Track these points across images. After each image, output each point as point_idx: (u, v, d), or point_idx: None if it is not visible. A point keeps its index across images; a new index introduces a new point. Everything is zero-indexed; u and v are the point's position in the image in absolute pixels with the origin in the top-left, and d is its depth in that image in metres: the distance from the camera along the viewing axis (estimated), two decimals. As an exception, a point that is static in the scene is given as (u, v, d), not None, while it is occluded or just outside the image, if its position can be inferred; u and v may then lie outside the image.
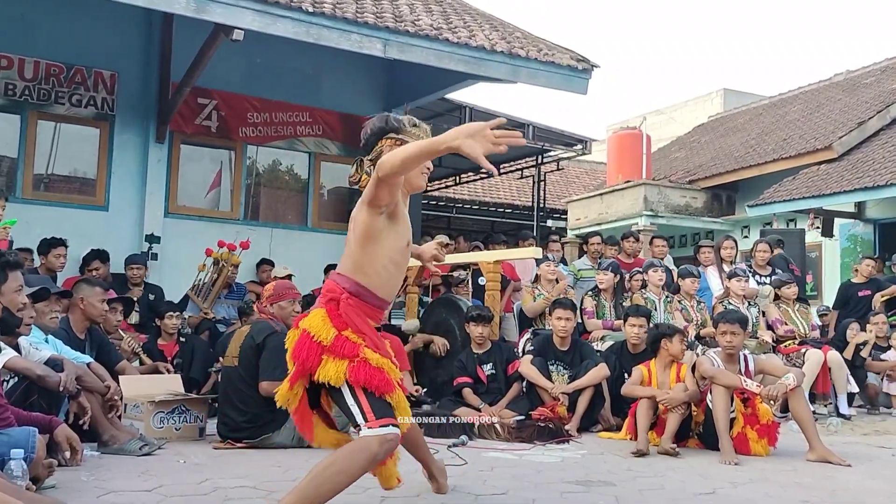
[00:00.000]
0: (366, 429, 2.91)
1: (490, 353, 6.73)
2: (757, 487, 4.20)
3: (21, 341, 4.42)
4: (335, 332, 2.99)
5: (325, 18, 8.22)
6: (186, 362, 6.85)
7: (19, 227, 7.54)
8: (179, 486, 3.76)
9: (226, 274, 8.35)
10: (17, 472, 3.13)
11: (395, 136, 3.17)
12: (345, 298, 3.06)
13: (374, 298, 3.12)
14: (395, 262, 3.16)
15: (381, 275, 3.12)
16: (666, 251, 9.61)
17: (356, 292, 3.08)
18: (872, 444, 6.04)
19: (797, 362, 7.31)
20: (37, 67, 9.13)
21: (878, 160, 13.26)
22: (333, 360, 2.96)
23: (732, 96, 23.10)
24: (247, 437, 5.02)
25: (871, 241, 14.03)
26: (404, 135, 3.17)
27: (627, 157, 16.97)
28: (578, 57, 9.91)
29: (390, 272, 3.15)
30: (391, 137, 3.18)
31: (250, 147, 10.44)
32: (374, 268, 3.10)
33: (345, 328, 3.01)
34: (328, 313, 3.04)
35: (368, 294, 3.10)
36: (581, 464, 4.81)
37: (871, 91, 16.49)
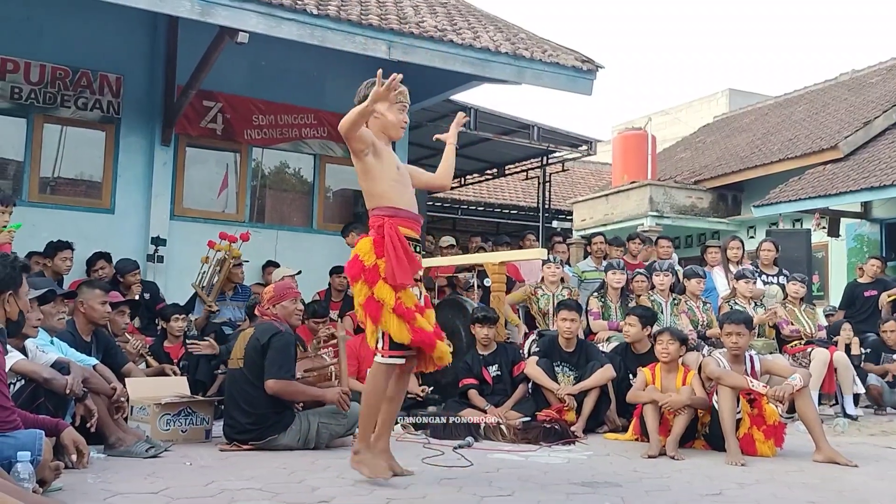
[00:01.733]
0: (378, 356, 3.93)
1: (496, 354, 6.72)
2: (763, 488, 4.19)
3: (28, 344, 4.43)
4: (374, 260, 3.85)
5: (330, 20, 8.23)
6: (192, 364, 6.86)
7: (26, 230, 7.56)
8: (186, 488, 3.76)
9: (228, 266, 8.33)
10: (24, 475, 3.14)
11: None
12: (388, 220, 3.91)
13: (403, 212, 3.98)
14: (396, 178, 4.01)
15: (391, 194, 3.98)
16: (671, 252, 9.59)
17: (392, 213, 3.94)
18: (879, 445, 6.02)
19: (803, 362, 7.29)
20: (42, 71, 9.17)
21: (884, 160, 13.23)
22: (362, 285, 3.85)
23: (738, 96, 23.08)
24: (253, 438, 5.02)
25: (877, 241, 14.00)
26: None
27: (633, 157, 16.97)
28: (583, 58, 9.91)
29: (398, 189, 4.01)
30: None
31: (255, 149, 10.46)
32: (384, 191, 3.97)
33: (381, 256, 3.83)
34: (374, 241, 3.89)
35: (397, 210, 3.96)
36: (587, 465, 4.80)
37: (877, 90, 16.46)
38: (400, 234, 3.88)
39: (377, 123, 4.03)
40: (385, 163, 3.98)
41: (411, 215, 4.01)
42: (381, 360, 3.91)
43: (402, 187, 4.03)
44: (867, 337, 8.60)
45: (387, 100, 3.86)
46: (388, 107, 4.01)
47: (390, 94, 3.81)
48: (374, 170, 3.94)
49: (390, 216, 3.91)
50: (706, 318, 7.66)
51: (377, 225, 3.92)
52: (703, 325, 7.59)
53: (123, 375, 5.44)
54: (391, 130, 4.09)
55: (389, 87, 3.73)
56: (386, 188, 3.96)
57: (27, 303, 3.91)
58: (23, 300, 3.75)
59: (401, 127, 4.11)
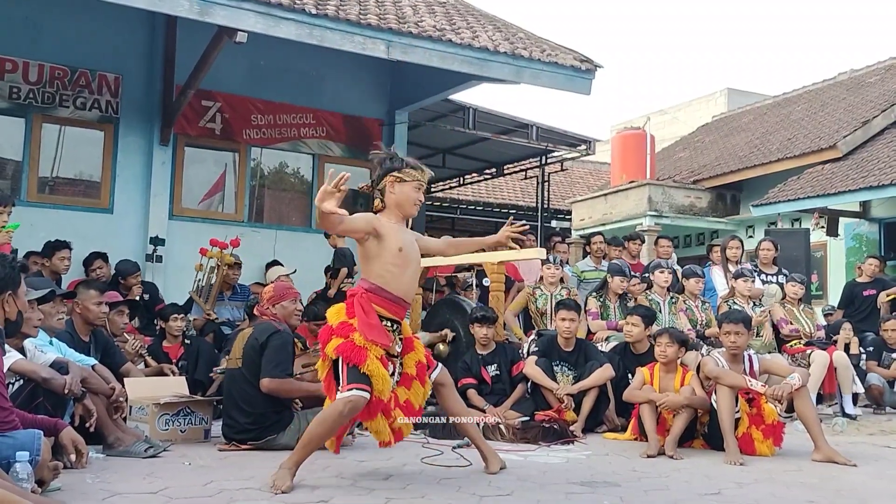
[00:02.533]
0: (339, 392, 3.79)
1: (494, 354, 6.72)
2: (762, 488, 4.19)
3: (26, 344, 4.43)
4: (343, 319, 3.93)
5: (329, 20, 8.23)
6: (191, 364, 6.86)
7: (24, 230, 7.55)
8: (185, 488, 3.76)
9: (222, 273, 8.33)
10: (23, 475, 3.14)
11: (396, 174, 4.08)
12: (360, 293, 3.95)
13: (386, 293, 3.97)
14: (395, 263, 3.99)
15: (386, 276, 3.99)
16: (671, 251, 9.59)
17: (370, 289, 3.97)
18: (878, 445, 6.03)
19: (802, 363, 7.29)
20: (41, 70, 9.16)
21: (882, 159, 13.24)
22: (335, 339, 3.88)
23: (736, 96, 23.09)
24: (252, 438, 5.02)
25: (876, 241, 14.01)
26: (403, 174, 4.08)
27: (631, 157, 16.97)
28: (582, 57, 9.91)
29: (394, 273, 4.00)
30: (393, 175, 4.08)
31: (254, 149, 10.47)
32: (379, 272, 3.99)
33: (352, 317, 3.90)
34: (346, 306, 3.98)
35: (381, 290, 3.97)
36: (586, 464, 4.81)
37: (876, 90, 16.47)
38: (370, 306, 3.89)
39: (392, 199, 4.10)
40: (386, 245, 3.98)
41: (396, 299, 4.00)
42: (344, 396, 3.76)
43: (399, 271, 4.02)
44: (866, 336, 8.60)
45: (333, 198, 3.68)
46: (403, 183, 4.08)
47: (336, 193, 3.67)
48: (371, 252, 3.98)
49: (368, 291, 3.94)
50: (705, 318, 7.66)
51: (350, 294, 4.00)
52: (701, 324, 7.59)
53: (122, 375, 5.44)
54: (406, 208, 4.11)
55: (336, 184, 3.65)
56: (381, 272, 3.98)
57: (26, 303, 3.90)
58: (21, 300, 3.75)
59: (414, 205, 4.13)
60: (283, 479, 3.73)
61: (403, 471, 4.36)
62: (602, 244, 9.19)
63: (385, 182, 4.10)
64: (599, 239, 9.28)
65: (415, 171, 4.10)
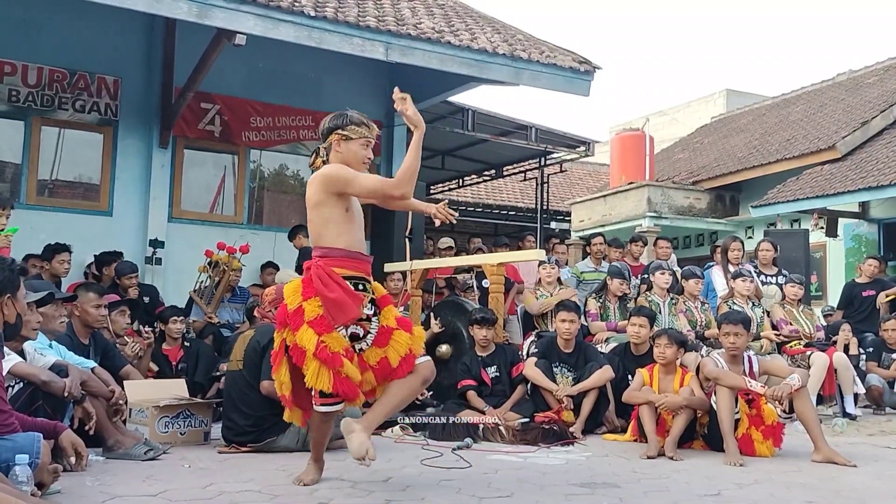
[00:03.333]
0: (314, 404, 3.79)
1: (494, 355, 6.72)
2: (762, 488, 4.19)
3: (26, 347, 4.43)
4: (299, 302, 3.68)
5: (327, 22, 8.24)
6: (191, 366, 6.86)
7: (24, 233, 7.55)
8: (184, 490, 3.76)
9: (227, 278, 8.34)
10: (22, 478, 3.13)
11: (341, 132, 3.88)
12: (316, 263, 3.73)
13: (345, 252, 3.77)
14: (349, 220, 3.83)
15: (344, 235, 3.79)
16: (670, 252, 9.59)
17: (326, 254, 3.75)
18: (878, 445, 6.02)
19: (802, 364, 7.29)
20: (40, 73, 9.17)
21: (881, 160, 13.24)
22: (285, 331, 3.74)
23: (735, 97, 23.09)
24: (251, 441, 5.02)
25: (875, 241, 14.01)
26: (348, 131, 3.87)
27: (631, 158, 16.98)
28: (580, 59, 9.92)
29: (350, 229, 3.82)
30: (338, 133, 3.88)
31: (253, 151, 10.47)
32: (334, 235, 3.77)
33: (310, 297, 3.67)
34: (302, 283, 3.75)
35: (339, 250, 3.75)
36: (586, 466, 4.80)
37: (874, 91, 16.48)
38: (330, 271, 3.69)
39: (338, 158, 3.87)
40: (340, 202, 3.81)
41: (356, 255, 3.80)
42: (317, 409, 3.79)
43: (352, 226, 3.86)
44: (866, 337, 8.61)
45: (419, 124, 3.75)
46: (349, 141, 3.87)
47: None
48: (333, 215, 3.78)
49: (324, 257, 3.74)
50: (704, 319, 7.66)
51: (307, 267, 3.80)
52: (701, 325, 7.59)
53: (122, 378, 5.43)
54: (354, 167, 3.86)
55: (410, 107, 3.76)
56: (336, 233, 3.78)
57: (25, 306, 3.90)
58: (20, 303, 3.75)
59: (363, 163, 3.91)
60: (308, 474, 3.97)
61: (403, 472, 4.35)
62: (602, 245, 9.19)
63: (330, 140, 3.89)
64: (599, 240, 9.28)
65: (360, 127, 3.90)
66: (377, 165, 11.20)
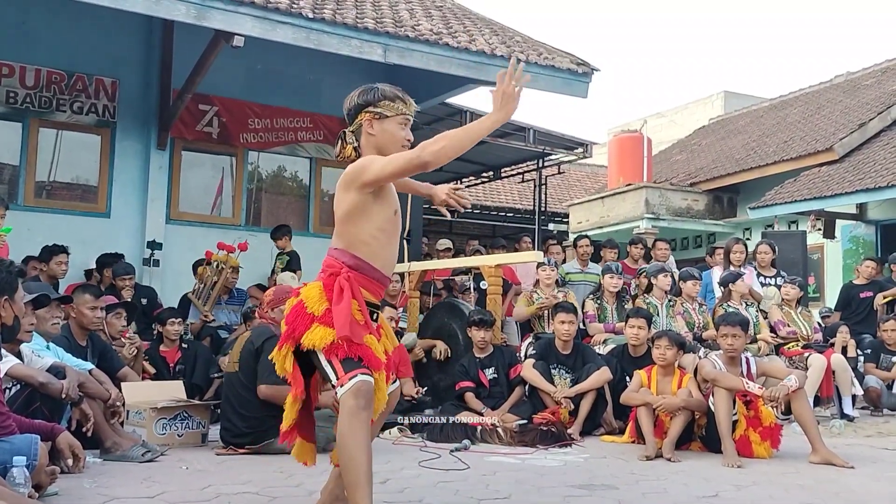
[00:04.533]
0: (339, 388, 2.95)
1: (492, 357, 6.72)
2: (760, 490, 4.19)
3: (23, 348, 4.42)
4: (326, 306, 3.03)
5: (325, 24, 8.24)
6: (189, 368, 6.85)
7: (22, 234, 7.55)
8: (182, 492, 3.76)
9: (225, 276, 8.33)
10: (20, 480, 3.13)
11: (373, 109, 3.17)
12: (344, 272, 3.09)
13: (371, 270, 3.15)
14: (385, 230, 3.18)
15: (373, 245, 3.15)
16: (668, 254, 9.60)
17: (354, 265, 3.12)
18: (876, 447, 6.03)
19: (800, 365, 7.30)
20: (38, 75, 9.16)
21: (879, 161, 13.26)
22: (322, 328, 3.00)
23: (733, 98, 23.11)
24: (249, 442, 5.02)
25: (872, 243, 14.02)
26: (381, 108, 3.17)
27: (628, 160, 16.98)
28: (578, 60, 9.93)
29: (381, 241, 3.17)
30: (369, 112, 3.17)
31: (251, 153, 10.47)
32: (364, 238, 3.14)
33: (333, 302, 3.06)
34: (325, 287, 3.08)
35: (366, 266, 3.14)
36: (584, 467, 4.80)
37: (872, 92, 16.50)
38: (358, 292, 3.09)
39: (371, 142, 3.17)
40: (384, 205, 3.18)
41: (379, 276, 3.19)
42: (345, 389, 2.92)
43: (389, 243, 3.22)
44: (864, 338, 8.62)
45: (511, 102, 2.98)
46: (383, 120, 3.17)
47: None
48: (367, 211, 3.13)
49: (353, 268, 3.12)
50: (702, 320, 7.66)
51: (331, 272, 3.12)
52: (699, 327, 7.60)
53: (119, 380, 5.43)
54: (393, 149, 3.15)
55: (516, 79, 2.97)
56: (368, 238, 3.14)
57: (22, 308, 3.90)
58: (18, 305, 3.75)
59: (402, 146, 3.17)
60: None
61: (401, 474, 4.35)
62: (588, 247, 9.20)
63: (359, 121, 3.17)
64: (586, 242, 9.28)
65: (395, 101, 3.18)
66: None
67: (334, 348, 2.97)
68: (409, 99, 3.25)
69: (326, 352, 2.99)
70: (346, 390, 2.92)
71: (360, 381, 2.92)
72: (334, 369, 2.97)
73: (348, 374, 2.93)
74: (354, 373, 2.93)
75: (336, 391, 2.96)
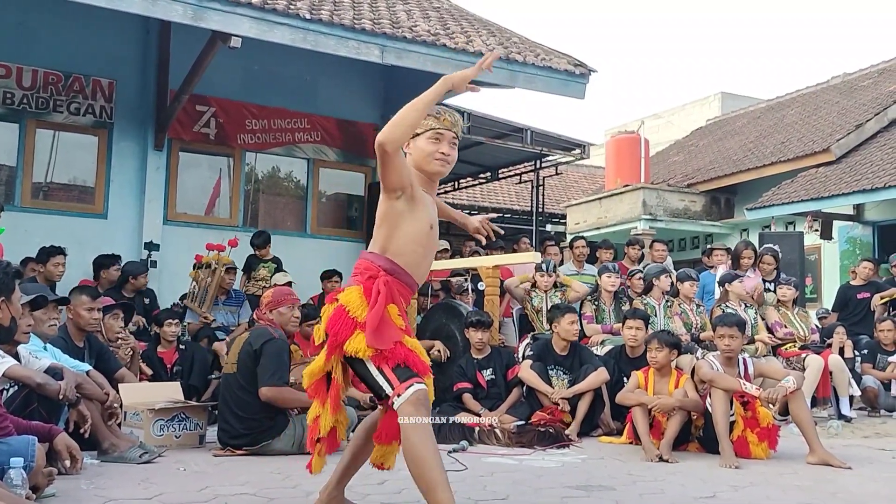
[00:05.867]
0: (396, 399, 2.91)
1: (490, 358, 6.72)
2: (757, 491, 4.20)
3: (20, 350, 4.41)
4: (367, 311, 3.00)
5: (323, 25, 8.24)
6: (186, 369, 6.84)
7: (19, 235, 7.55)
8: (180, 493, 3.75)
9: (219, 276, 8.29)
10: (17, 481, 3.13)
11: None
12: (382, 276, 3.07)
13: (406, 276, 3.14)
14: (421, 243, 3.17)
15: (409, 255, 3.15)
16: (666, 255, 9.61)
17: (391, 270, 3.10)
18: (873, 447, 6.04)
19: (797, 366, 7.31)
20: (35, 76, 9.16)
21: (876, 162, 13.28)
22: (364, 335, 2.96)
23: (730, 100, 23.13)
24: (247, 443, 5.01)
25: (870, 244, 14.04)
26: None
27: (626, 161, 16.99)
28: (576, 61, 9.94)
29: (418, 253, 3.17)
30: None
31: (249, 154, 10.47)
32: (401, 248, 3.13)
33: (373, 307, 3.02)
34: (364, 291, 3.04)
35: (402, 272, 3.13)
36: (581, 468, 4.81)
37: (869, 93, 16.52)
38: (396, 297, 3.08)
39: (410, 162, 3.20)
40: (417, 217, 3.14)
41: (411, 283, 3.19)
42: (403, 399, 2.89)
43: (425, 256, 3.22)
44: (861, 339, 8.63)
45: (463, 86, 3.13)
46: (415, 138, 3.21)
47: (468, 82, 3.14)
48: (399, 221, 3.11)
49: (390, 273, 3.10)
50: (700, 321, 7.67)
51: (369, 276, 3.09)
52: (696, 327, 7.60)
53: (117, 381, 5.42)
54: (425, 166, 3.21)
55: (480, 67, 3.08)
56: (405, 249, 3.13)
57: (20, 309, 3.90)
58: (15, 306, 3.74)
59: (435, 159, 3.19)
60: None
61: (398, 475, 4.32)
62: (584, 248, 9.21)
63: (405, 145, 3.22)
64: (582, 243, 9.29)
65: (426, 118, 3.18)
66: (372, 169, 11.20)
67: (383, 355, 2.95)
68: (446, 113, 3.25)
69: (375, 359, 2.95)
70: (405, 400, 2.89)
71: (418, 389, 2.92)
72: (388, 379, 2.94)
73: (405, 384, 2.91)
74: (410, 382, 2.92)
75: (392, 401, 2.92)
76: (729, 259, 8.91)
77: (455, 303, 7.81)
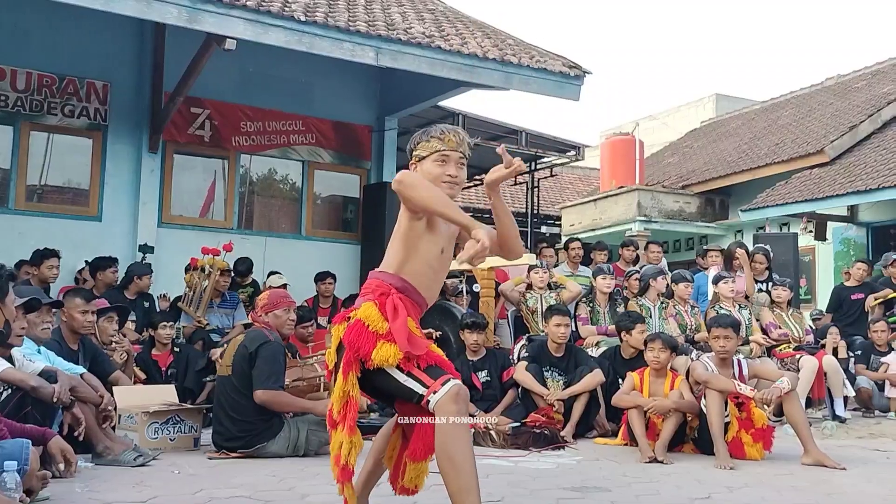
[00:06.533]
0: (432, 396, 2.85)
1: (485, 360, 6.73)
2: (752, 492, 4.20)
3: (14, 353, 4.40)
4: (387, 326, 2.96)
5: (318, 27, 8.23)
6: (181, 372, 6.83)
7: (13, 238, 7.53)
8: (174, 496, 3.75)
9: (214, 279, 8.28)
10: (11, 485, 3.12)
11: (414, 153, 3.21)
12: (395, 293, 3.04)
13: (417, 296, 3.11)
14: (433, 266, 3.17)
15: (422, 276, 3.13)
16: (661, 256, 9.62)
17: (403, 288, 3.07)
18: (867, 448, 6.05)
19: (791, 367, 7.32)
20: (29, 78, 9.14)
21: (869, 164, 13.32)
22: (390, 344, 2.92)
23: (725, 101, 23.19)
24: (241, 446, 5.00)
25: (864, 245, 14.08)
26: (419, 150, 3.19)
27: (621, 162, 17.02)
28: (570, 63, 9.95)
29: (429, 276, 3.16)
30: (413, 157, 3.21)
31: (244, 156, 10.46)
32: (416, 268, 3.11)
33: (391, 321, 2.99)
34: (380, 307, 3.00)
35: (413, 291, 3.10)
36: (577, 470, 4.81)
37: (863, 95, 16.57)
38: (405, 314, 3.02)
39: None
40: (431, 241, 3.15)
41: (421, 302, 3.15)
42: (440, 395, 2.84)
43: (436, 278, 3.22)
44: (855, 340, 8.65)
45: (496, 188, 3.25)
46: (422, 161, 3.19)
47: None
48: (416, 241, 3.11)
49: (401, 291, 3.06)
50: (694, 322, 7.68)
51: (381, 293, 3.05)
52: (691, 329, 7.61)
53: (111, 384, 5.41)
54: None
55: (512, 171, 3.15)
56: (418, 269, 3.12)
57: (13, 311, 3.89)
58: (9, 309, 3.74)
59: (442, 182, 3.14)
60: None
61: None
62: (579, 249, 9.22)
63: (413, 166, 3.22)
64: (577, 245, 9.30)
65: (430, 141, 3.16)
66: (367, 171, 11.21)
67: (412, 360, 2.92)
68: (451, 133, 3.19)
69: (405, 364, 2.92)
70: (443, 396, 2.84)
71: (455, 384, 2.87)
72: (419, 380, 2.90)
73: (439, 380, 2.87)
74: (445, 377, 2.88)
75: (428, 400, 2.85)
76: (713, 258, 8.95)
77: (450, 304, 7.81)
